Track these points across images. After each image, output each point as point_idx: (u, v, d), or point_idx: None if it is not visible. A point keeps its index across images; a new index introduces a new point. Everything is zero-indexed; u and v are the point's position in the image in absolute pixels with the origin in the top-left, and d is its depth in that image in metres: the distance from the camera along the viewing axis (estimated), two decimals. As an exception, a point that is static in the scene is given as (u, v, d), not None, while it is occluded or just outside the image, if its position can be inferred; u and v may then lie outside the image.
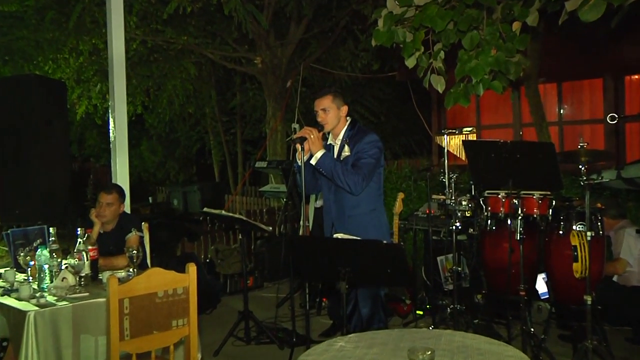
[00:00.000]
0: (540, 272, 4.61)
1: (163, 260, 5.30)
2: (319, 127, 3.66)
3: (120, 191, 4.12)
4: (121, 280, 2.55)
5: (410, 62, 3.50)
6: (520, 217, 3.91)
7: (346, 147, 3.68)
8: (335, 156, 3.72)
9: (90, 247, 3.42)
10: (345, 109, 3.74)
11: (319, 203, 5.34)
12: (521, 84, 7.88)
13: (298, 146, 3.56)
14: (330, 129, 3.72)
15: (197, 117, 15.68)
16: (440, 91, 3.49)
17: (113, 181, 4.88)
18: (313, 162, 3.57)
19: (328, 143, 3.83)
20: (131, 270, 3.35)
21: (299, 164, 3.58)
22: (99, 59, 10.01)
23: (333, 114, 3.67)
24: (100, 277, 3.45)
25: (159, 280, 2.62)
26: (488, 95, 4.12)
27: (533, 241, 4.35)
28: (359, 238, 3.01)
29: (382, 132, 13.31)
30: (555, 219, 4.20)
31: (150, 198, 14.57)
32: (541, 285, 4.73)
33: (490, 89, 3.40)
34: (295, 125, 7.37)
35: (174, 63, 10.82)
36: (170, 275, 2.65)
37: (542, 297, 4.77)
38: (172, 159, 17.39)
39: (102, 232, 4.02)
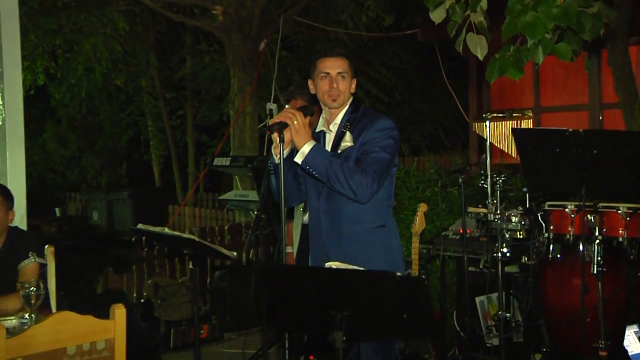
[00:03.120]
0: (631, 323, 4.62)
1: (76, 300, 5.27)
2: (306, 109, 3.67)
3: (5, 193, 4.09)
4: (11, 332, 2.53)
5: (437, 15, 3.51)
6: (598, 241, 3.93)
7: (347, 135, 3.70)
8: (329, 149, 3.74)
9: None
10: (354, 83, 3.79)
11: (307, 218, 5.33)
12: (602, 46, 7.90)
13: (276, 136, 3.54)
14: (340, 104, 3.74)
15: (129, 93, 15.66)
16: (481, 57, 3.50)
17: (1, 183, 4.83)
18: (298, 159, 3.58)
19: (317, 130, 3.85)
20: (27, 315, 3.33)
21: (277, 161, 3.58)
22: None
23: (348, 84, 3.72)
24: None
25: (69, 330, 2.60)
26: (551, 63, 4.15)
27: (618, 276, 4.37)
28: (361, 268, 3.01)
29: (398, 116, 13.37)
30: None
31: (57, 210, 14.46)
32: (632, 343, 4.74)
33: (555, 55, 3.41)
34: (272, 106, 7.39)
35: (94, 12, 10.80)
36: (87, 322, 2.64)
37: (632, 360, 4.79)
38: (91, 152, 17.37)
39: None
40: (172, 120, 15.55)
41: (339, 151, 3.68)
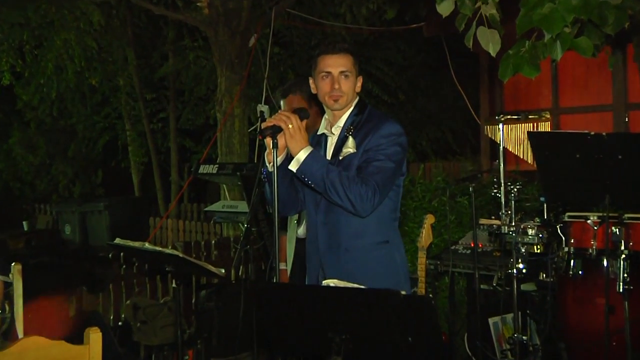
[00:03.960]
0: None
1: (46, 323, 5.25)
2: (300, 112, 3.67)
3: None
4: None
5: (444, 7, 3.52)
6: (623, 256, 3.93)
7: (350, 141, 3.71)
8: (329, 155, 3.76)
9: None
10: (360, 81, 3.82)
11: (303, 231, 5.27)
12: (627, 41, 7.91)
13: (268, 141, 3.56)
14: (343, 105, 3.76)
15: (105, 93, 15.66)
16: (493, 54, 3.52)
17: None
18: (293, 167, 3.60)
19: (319, 133, 3.87)
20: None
21: (269, 169, 3.59)
22: None
23: (352, 83, 3.76)
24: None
25: (38, 357, 2.59)
26: (571, 60, 4.16)
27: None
28: (361, 286, 3.00)
29: (402, 118, 13.35)
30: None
31: (25, 223, 14.48)
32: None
33: (575, 50, 3.43)
34: (263, 108, 7.41)
35: (65, 4, 10.79)
36: (59, 348, 2.63)
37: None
38: (63, 159, 17.33)
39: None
40: (153, 124, 15.53)
41: (341, 157, 3.70)
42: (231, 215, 6.86)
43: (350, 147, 3.68)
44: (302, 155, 3.55)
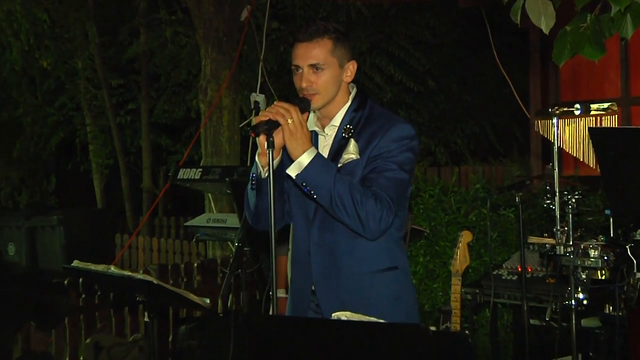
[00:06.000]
0: None
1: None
2: (302, 103, 3.69)
3: None
4: None
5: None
6: None
7: (352, 145, 3.73)
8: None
9: None
10: (351, 68, 3.80)
11: None
12: None
13: (262, 140, 3.57)
14: (322, 105, 3.77)
15: (60, 79, 15.63)
16: (546, 30, 3.52)
17: None
18: (292, 172, 3.61)
19: (310, 130, 3.83)
20: None
21: (262, 174, 3.62)
22: None
23: (330, 76, 3.74)
24: None
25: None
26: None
27: None
28: (380, 320, 3.04)
29: (431, 110, 13.35)
30: None
31: (-41, 241, 14.51)
32: None
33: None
34: (258, 98, 7.44)
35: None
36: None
37: None
38: (6, 161, 17.34)
39: None
40: (120, 117, 15.55)
41: (340, 165, 3.70)
42: (218, 232, 6.91)
43: (352, 152, 3.70)
44: (305, 159, 3.56)
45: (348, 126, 3.74)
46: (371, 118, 3.75)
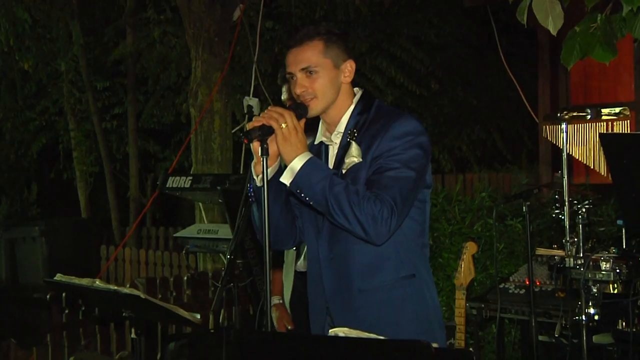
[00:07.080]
0: None
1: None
2: (298, 108, 3.70)
3: None
4: None
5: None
6: None
7: (353, 148, 3.74)
8: (331, 166, 3.78)
9: None
10: (349, 68, 3.80)
11: (303, 264, 5.36)
12: None
13: (256, 146, 3.60)
14: (322, 109, 3.77)
15: (41, 82, 15.67)
16: (554, 31, 3.52)
17: None
18: (286, 179, 3.64)
19: (317, 142, 3.90)
20: None
21: (258, 183, 3.64)
22: None
23: (325, 78, 3.77)
24: None
25: None
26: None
27: None
28: (379, 337, 2.93)
29: (435, 115, 13.40)
30: None
31: None
32: None
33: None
34: (252, 102, 7.49)
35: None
36: None
37: None
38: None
39: None
40: (106, 122, 15.74)
41: (344, 170, 3.72)
42: (209, 243, 6.90)
43: (354, 155, 3.71)
44: (297, 163, 3.58)
45: (352, 130, 3.74)
46: (374, 118, 3.75)
